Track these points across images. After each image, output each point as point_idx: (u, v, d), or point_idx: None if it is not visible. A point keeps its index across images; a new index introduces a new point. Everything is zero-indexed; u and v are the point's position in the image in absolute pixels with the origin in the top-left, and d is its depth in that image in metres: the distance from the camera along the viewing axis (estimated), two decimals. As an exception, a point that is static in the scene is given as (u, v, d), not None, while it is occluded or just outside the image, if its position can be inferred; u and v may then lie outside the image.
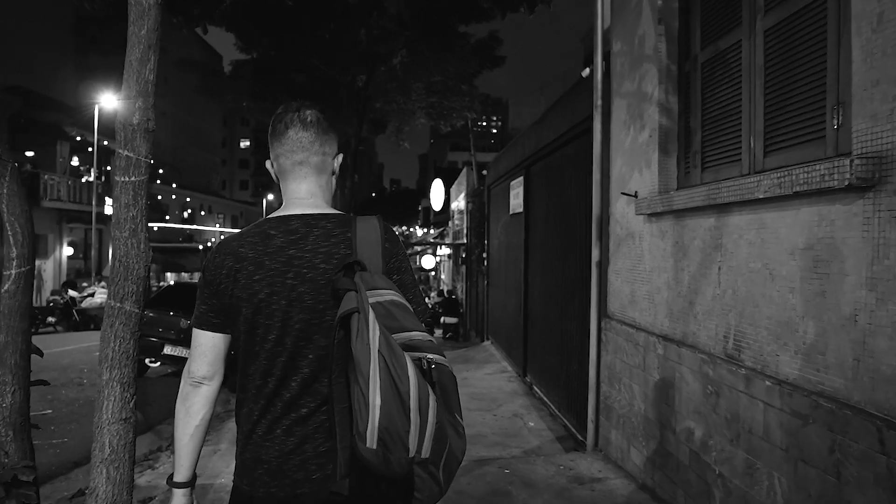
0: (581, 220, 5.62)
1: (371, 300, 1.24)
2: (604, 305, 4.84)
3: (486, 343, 12.00)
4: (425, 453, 1.16)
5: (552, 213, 6.98)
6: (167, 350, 8.01)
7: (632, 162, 4.32)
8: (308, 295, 1.35)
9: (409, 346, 1.24)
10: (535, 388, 7.84)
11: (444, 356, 1.31)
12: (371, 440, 1.13)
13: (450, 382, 1.29)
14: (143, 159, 2.31)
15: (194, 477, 1.46)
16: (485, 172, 12.39)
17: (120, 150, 2.28)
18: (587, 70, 5.32)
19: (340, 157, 1.59)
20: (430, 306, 12.45)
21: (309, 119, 1.47)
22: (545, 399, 7.20)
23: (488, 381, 8.66)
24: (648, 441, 3.84)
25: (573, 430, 5.93)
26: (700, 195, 3.13)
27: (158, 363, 8.43)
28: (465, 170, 16.09)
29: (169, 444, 5.70)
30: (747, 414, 2.71)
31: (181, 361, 8.04)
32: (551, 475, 4.28)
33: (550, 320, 7.01)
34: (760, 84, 2.94)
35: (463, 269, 16.40)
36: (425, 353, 1.26)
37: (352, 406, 1.20)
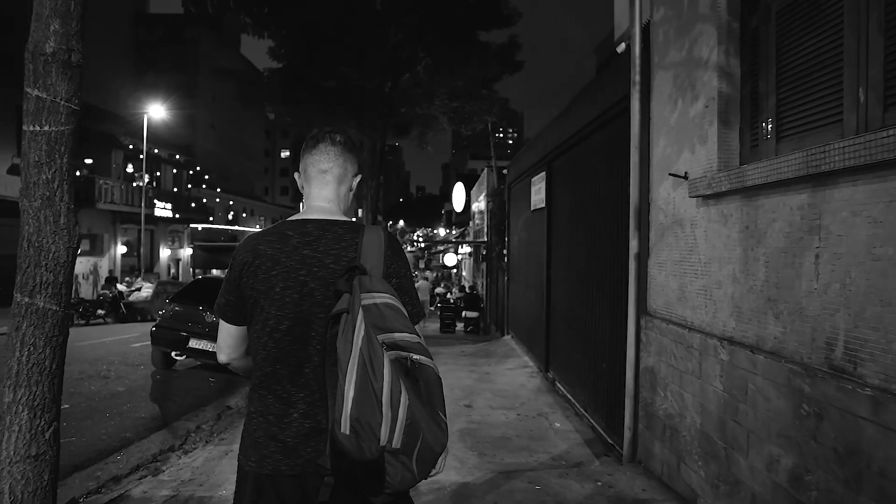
0: (612, 211, 4.74)
1: (365, 302, 1.24)
2: (643, 302, 3.96)
3: (507, 337, 11.13)
4: (396, 444, 1.16)
5: (577, 207, 6.09)
6: (193, 343, 7.29)
7: (680, 140, 3.44)
8: (318, 291, 1.36)
9: (396, 346, 1.23)
10: (559, 384, 6.97)
11: (431, 357, 1.28)
12: (344, 426, 1.14)
13: (434, 381, 1.27)
14: (62, 102, 1.52)
15: None
16: (505, 172, 11.51)
17: (28, 90, 1.49)
18: (622, 45, 4.44)
19: (359, 177, 1.60)
20: (451, 301, 11.76)
21: (337, 139, 1.51)
22: (570, 397, 6.32)
23: (510, 377, 7.80)
24: (707, 461, 2.96)
25: (602, 432, 5.05)
26: (791, 165, 2.24)
27: (184, 356, 7.72)
28: (485, 171, 15.20)
29: (182, 444, 4.96)
30: (877, 451, 1.82)
31: (207, 355, 7.32)
32: (588, 494, 3.41)
33: (576, 316, 6.12)
34: (877, 19, 2.05)
35: (483, 266, 15.54)
36: (410, 354, 1.24)
37: (336, 395, 1.20)
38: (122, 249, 23.83)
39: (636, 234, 3.95)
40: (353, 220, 1.49)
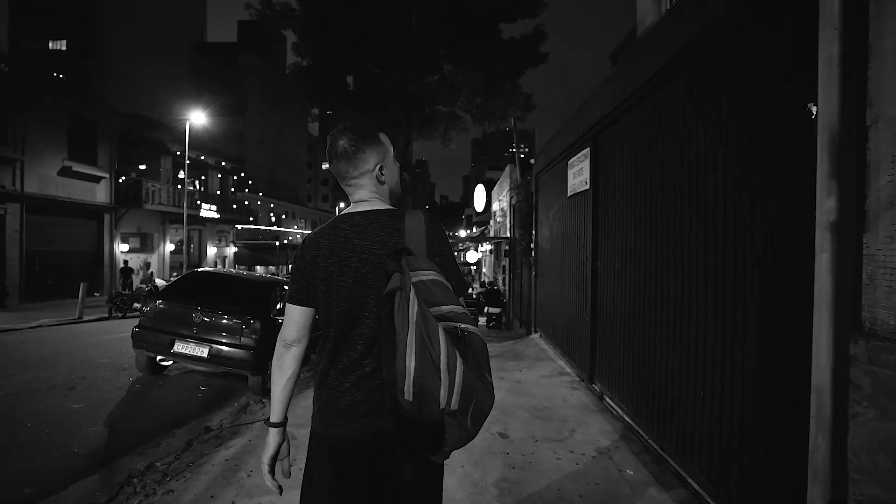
0: (738, 169, 2.64)
1: (414, 279, 1.19)
2: (849, 311, 1.84)
3: (535, 336, 9.00)
4: (454, 405, 1.12)
5: (648, 179, 3.99)
6: (178, 347, 5.36)
7: None
8: (370, 275, 1.31)
9: (445, 318, 1.17)
10: (610, 401, 4.87)
11: (476, 325, 1.23)
12: (408, 394, 1.11)
13: (480, 347, 1.21)
14: None
15: (286, 419, 1.43)
16: (532, 161, 9.39)
17: None
18: None
19: (387, 157, 1.45)
20: (473, 296, 9.63)
21: (340, 150, 1.41)
22: (631, 423, 4.22)
23: (547, 388, 5.70)
24: None
25: (700, 489, 2.98)
26: None
27: (171, 362, 5.81)
28: (507, 167, 13.08)
29: (107, 501, 3.00)
30: None
31: (194, 360, 5.38)
32: None
33: (645, 321, 4.01)
34: None
35: (505, 261, 13.42)
36: (459, 324, 1.18)
37: (395, 365, 1.16)
38: (170, 247, 22.29)
39: (832, 187, 1.85)
40: (394, 208, 1.41)
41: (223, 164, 25.62)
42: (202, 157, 23.64)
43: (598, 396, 5.26)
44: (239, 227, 26.45)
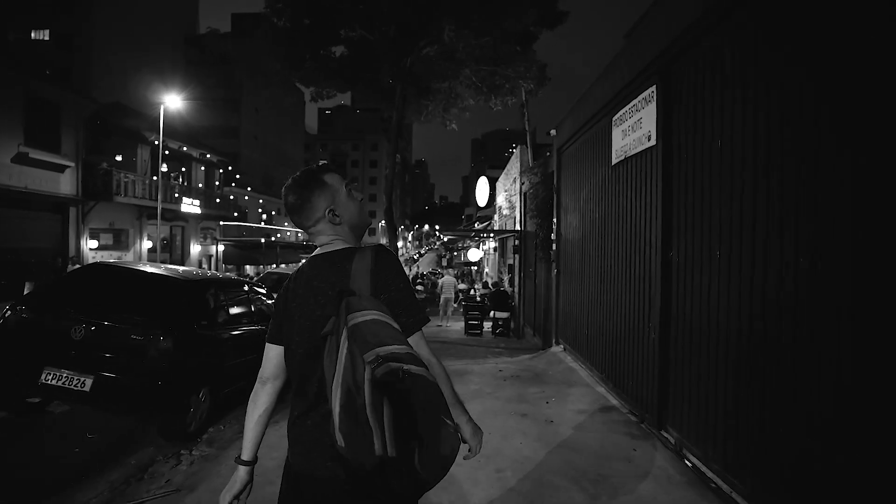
0: None
1: (353, 321, 1.15)
2: None
3: (557, 349, 7.18)
4: (392, 453, 1.05)
5: (813, 108, 2.20)
6: (47, 377, 3.54)
7: None
8: (323, 317, 1.29)
9: (388, 358, 1.07)
10: (699, 462, 3.11)
11: (424, 366, 1.10)
12: (339, 440, 1.08)
13: (429, 389, 1.09)
14: None
15: (255, 458, 1.41)
16: (553, 133, 7.57)
17: None
18: None
19: (338, 196, 1.43)
20: (477, 299, 7.77)
21: (290, 205, 1.42)
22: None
23: (593, 434, 3.88)
24: None
25: None
26: None
27: (38, 398, 3.98)
28: (518, 150, 11.25)
29: None
30: None
31: (75, 397, 3.55)
32: None
33: (795, 340, 2.21)
34: None
35: (513, 259, 11.59)
36: (402, 364, 1.06)
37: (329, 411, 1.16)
38: (147, 244, 20.41)
39: None
40: (351, 246, 1.38)
41: (208, 156, 23.73)
42: (184, 149, 21.75)
43: (675, 451, 3.47)
44: (222, 223, 24.57)
